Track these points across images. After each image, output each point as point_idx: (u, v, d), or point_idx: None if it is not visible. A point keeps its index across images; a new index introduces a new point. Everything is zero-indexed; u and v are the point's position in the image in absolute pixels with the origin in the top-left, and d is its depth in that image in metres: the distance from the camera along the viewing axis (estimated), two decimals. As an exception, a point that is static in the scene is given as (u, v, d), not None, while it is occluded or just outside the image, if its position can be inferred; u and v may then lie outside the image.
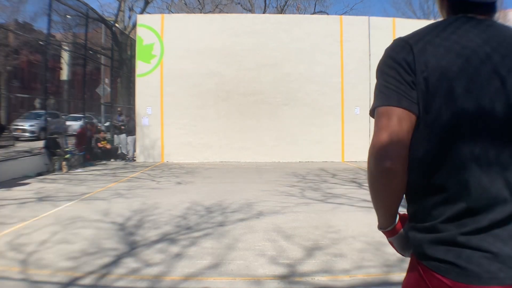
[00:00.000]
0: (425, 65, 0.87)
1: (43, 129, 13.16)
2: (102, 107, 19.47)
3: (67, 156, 10.14)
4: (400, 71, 0.89)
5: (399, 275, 3.16)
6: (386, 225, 1.03)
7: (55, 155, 10.00)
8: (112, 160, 12.26)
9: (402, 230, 1.04)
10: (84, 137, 11.49)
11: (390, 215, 1.01)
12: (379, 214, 1.02)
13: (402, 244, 1.06)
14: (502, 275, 0.83)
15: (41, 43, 17.61)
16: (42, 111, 13.14)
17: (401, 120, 0.87)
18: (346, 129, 12.66)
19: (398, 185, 0.92)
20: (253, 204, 6.00)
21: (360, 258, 3.64)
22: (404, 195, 0.98)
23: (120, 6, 19.86)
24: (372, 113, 0.95)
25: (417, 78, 0.87)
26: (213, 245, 4.03)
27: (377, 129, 0.90)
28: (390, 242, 1.09)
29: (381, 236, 4.16)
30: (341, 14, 21.22)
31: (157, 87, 12.34)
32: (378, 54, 13.12)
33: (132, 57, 16.54)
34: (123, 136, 12.55)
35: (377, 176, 0.92)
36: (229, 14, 17.85)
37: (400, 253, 1.10)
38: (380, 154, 0.89)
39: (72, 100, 28.39)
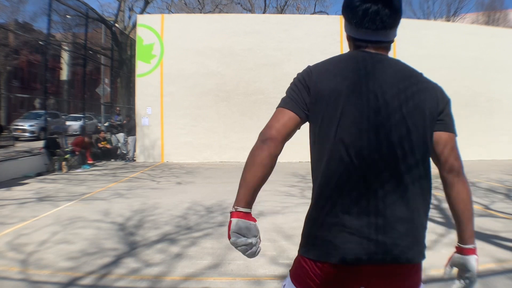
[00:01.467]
0: (318, 86, 1.16)
1: (43, 129, 13.17)
2: (102, 107, 19.46)
3: (67, 156, 10.13)
4: (302, 90, 1.18)
5: (399, 275, 3.14)
6: (247, 205, 1.18)
7: (55, 155, 10.00)
8: (112, 160, 12.26)
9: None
10: (80, 146, 11.10)
11: (252, 195, 1.18)
12: (247, 191, 1.17)
13: (250, 230, 1.15)
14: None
15: (41, 43, 17.63)
16: (42, 111, 13.15)
17: (290, 118, 1.18)
18: (346, 129, 12.64)
19: (266, 158, 1.15)
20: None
21: (360, 258, 3.63)
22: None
23: (120, 6, 19.87)
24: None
25: (311, 95, 1.16)
26: (213, 245, 4.03)
27: (272, 117, 1.22)
28: (232, 225, 1.15)
29: (381, 236, 4.07)
30: (341, 14, 21.19)
31: (157, 87, 12.33)
32: (378, 54, 13.04)
33: (132, 57, 16.54)
34: (120, 135, 12.54)
35: (256, 145, 1.17)
36: (229, 14, 17.84)
37: (233, 238, 1.14)
38: (266, 130, 1.19)
39: (72, 100, 28.39)
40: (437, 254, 3.74)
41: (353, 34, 1.22)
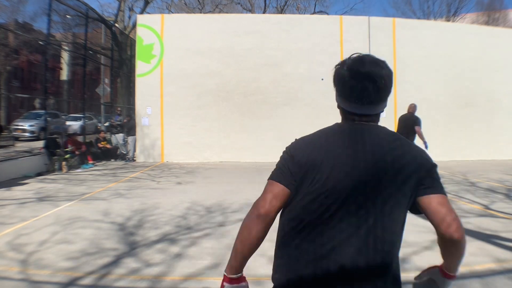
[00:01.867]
0: (303, 157, 1.23)
1: (43, 129, 13.16)
2: (102, 107, 19.46)
3: (67, 156, 10.13)
4: (289, 164, 1.25)
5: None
6: (239, 271, 1.28)
7: (55, 155, 10.00)
8: (112, 160, 12.27)
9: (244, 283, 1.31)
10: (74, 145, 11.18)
11: (245, 261, 1.27)
12: (237, 259, 1.26)
13: None
14: None
15: (41, 43, 17.62)
16: (42, 111, 13.15)
17: (280, 190, 1.24)
18: (346, 129, 12.64)
19: (263, 224, 1.22)
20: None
21: (360, 258, 3.63)
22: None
23: (120, 6, 19.86)
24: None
25: (296, 166, 1.23)
26: (213, 245, 4.03)
27: (264, 191, 1.26)
28: None
29: (381, 236, 4.05)
30: (341, 14, 21.22)
31: (157, 87, 12.34)
32: (378, 54, 13.11)
33: (132, 57, 16.53)
34: (120, 135, 12.55)
35: (252, 219, 1.22)
36: (229, 14, 17.84)
37: None
38: (259, 204, 1.23)
39: (72, 100, 28.38)
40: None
41: (343, 106, 1.31)
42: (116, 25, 18.65)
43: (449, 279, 1.29)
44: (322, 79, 12.33)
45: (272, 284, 1.28)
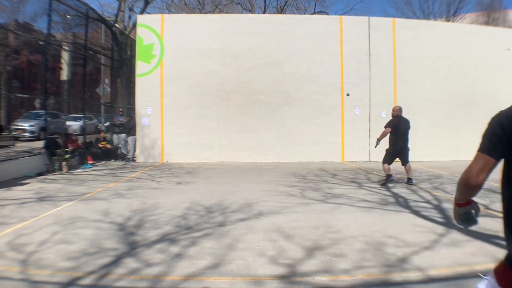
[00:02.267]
0: (504, 130, 1.39)
1: (43, 129, 13.17)
2: (102, 107, 19.45)
3: (67, 156, 10.14)
4: (492, 135, 1.44)
5: (399, 275, 3.16)
6: (463, 201, 1.63)
7: (55, 155, 10.00)
8: (112, 160, 12.27)
9: (471, 205, 1.64)
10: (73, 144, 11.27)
11: (466, 198, 1.61)
12: (461, 198, 1.62)
13: (465, 214, 1.65)
14: None
15: (41, 43, 17.62)
16: (42, 111, 13.15)
17: (487, 163, 1.47)
18: (346, 129, 12.66)
19: (474, 190, 1.53)
20: (253, 204, 6.00)
21: (360, 258, 3.63)
22: None
23: (120, 6, 19.86)
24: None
25: (505, 137, 1.39)
26: (213, 245, 4.03)
27: (473, 162, 1.48)
28: (456, 212, 1.67)
29: (381, 236, 4.10)
30: (341, 14, 21.23)
31: (157, 87, 12.34)
32: (378, 54, 13.06)
33: (132, 57, 16.53)
34: (122, 136, 12.56)
35: (462, 184, 1.53)
36: (229, 14, 17.85)
37: (457, 221, 1.69)
38: (468, 174, 1.48)
39: (72, 100, 28.36)
40: (437, 254, 3.74)
41: None
42: (116, 25, 18.65)
43: None
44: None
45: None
